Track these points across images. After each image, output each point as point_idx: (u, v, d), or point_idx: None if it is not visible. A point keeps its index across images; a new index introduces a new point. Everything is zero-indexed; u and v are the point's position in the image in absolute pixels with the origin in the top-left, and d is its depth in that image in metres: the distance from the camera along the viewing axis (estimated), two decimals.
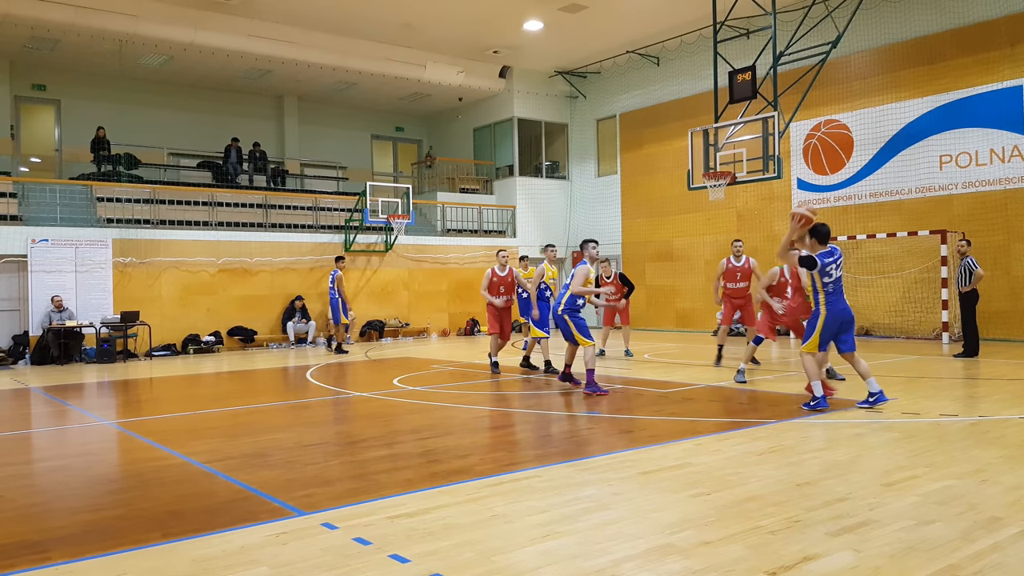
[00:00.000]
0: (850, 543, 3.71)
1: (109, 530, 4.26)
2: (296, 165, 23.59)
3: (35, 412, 9.31)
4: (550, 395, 9.17)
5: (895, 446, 5.82)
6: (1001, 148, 14.99)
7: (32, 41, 17.92)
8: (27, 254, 15.58)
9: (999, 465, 5.16)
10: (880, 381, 9.48)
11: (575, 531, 3.98)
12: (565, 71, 23.20)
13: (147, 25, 17.06)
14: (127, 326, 15.79)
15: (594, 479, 5.05)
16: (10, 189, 16.78)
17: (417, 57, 20.90)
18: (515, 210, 23.18)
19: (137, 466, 6.01)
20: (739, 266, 11.70)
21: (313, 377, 11.85)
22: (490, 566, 3.52)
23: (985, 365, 11.11)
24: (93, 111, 20.43)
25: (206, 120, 22.41)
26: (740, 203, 19.21)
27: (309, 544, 3.88)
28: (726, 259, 11.83)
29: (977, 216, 15.25)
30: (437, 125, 26.58)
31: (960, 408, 7.59)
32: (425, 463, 5.67)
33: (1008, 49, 14.88)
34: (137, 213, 17.46)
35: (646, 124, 21.70)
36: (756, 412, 7.68)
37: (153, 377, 12.70)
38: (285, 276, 18.75)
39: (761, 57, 15.57)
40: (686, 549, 3.69)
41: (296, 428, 7.35)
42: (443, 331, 21.16)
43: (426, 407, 8.62)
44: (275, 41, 18.69)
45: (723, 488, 4.74)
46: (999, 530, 3.86)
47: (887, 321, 16.57)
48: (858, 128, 17.12)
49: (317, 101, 24.08)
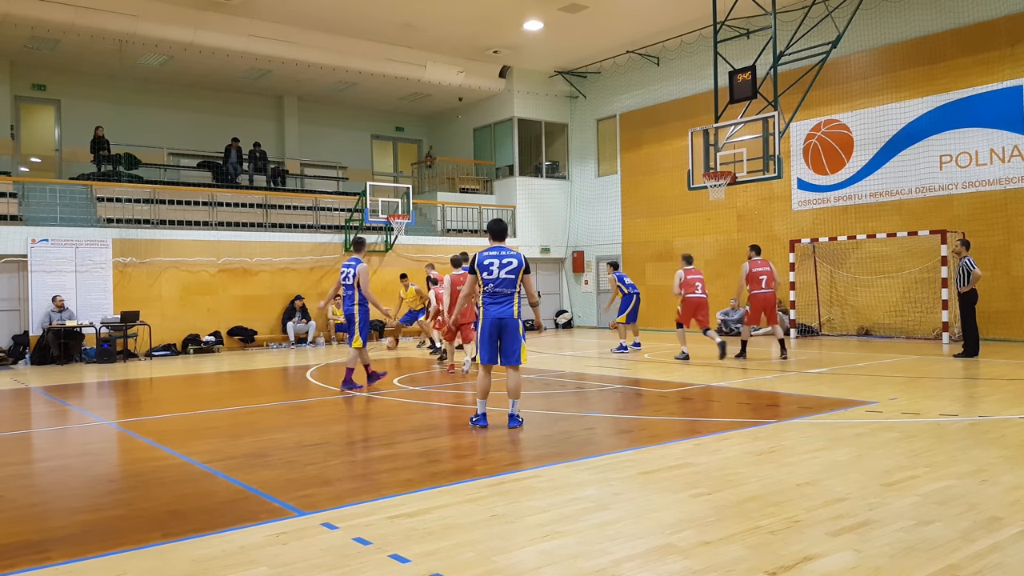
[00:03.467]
0: (850, 543, 3.71)
1: (109, 530, 4.26)
2: (296, 165, 23.59)
3: (35, 412, 9.31)
4: (550, 395, 9.17)
5: (895, 446, 5.82)
6: (1001, 148, 14.99)
7: (32, 41, 17.92)
8: (27, 254, 15.58)
9: (999, 465, 5.16)
10: (881, 381, 9.50)
11: (575, 531, 3.98)
12: (565, 71, 23.20)
13: (147, 25, 17.06)
14: (127, 326, 15.79)
15: (594, 479, 5.05)
16: (10, 189, 16.78)
17: (417, 57, 20.90)
18: (515, 210, 23.18)
19: (137, 466, 6.01)
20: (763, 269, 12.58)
21: (313, 377, 11.85)
22: (490, 566, 3.52)
23: (985, 365, 11.10)
24: (93, 111, 20.43)
25: (206, 120, 22.40)
26: (740, 203, 19.20)
27: (309, 544, 3.88)
28: (748, 263, 12.59)
29: (977, 216, 15.25)
30: (437, 125, 26.58)
31: (960, 408, 7.59)
32: (425, 463, 5.67)
33: (1008, 49, 14.88)
34: (137, 213, 17.46)
35: (646, 124, 21.70)
36: (756, 412, 7.68)
37: (153, 377, 12.70)
38: (285, 276, 18.75)
39: (761, 57, 15.57)
40: (686, 549, 3.69)
41: (296, 428, 7.34)
42: None
43: (426, 407, 8.62)
44: (275, 41, 18.69)
45: (723, 488, 4.74)
46: (999, 530, 3.86)
47: (887, 321, 16.57)
48: (858, 128, 17.12)
49: (317, 101, 24.08)
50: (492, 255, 7.01)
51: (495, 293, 6.95)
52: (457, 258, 11.73)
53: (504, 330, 6.95)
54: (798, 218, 18.19)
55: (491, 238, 7.21)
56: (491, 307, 6.96)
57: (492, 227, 7.22)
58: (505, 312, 6.93)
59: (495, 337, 6.97)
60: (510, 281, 6.94)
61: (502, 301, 6.95)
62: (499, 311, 6.94)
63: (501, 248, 7.09)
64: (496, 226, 7.21)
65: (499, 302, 6.95)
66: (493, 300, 6.97)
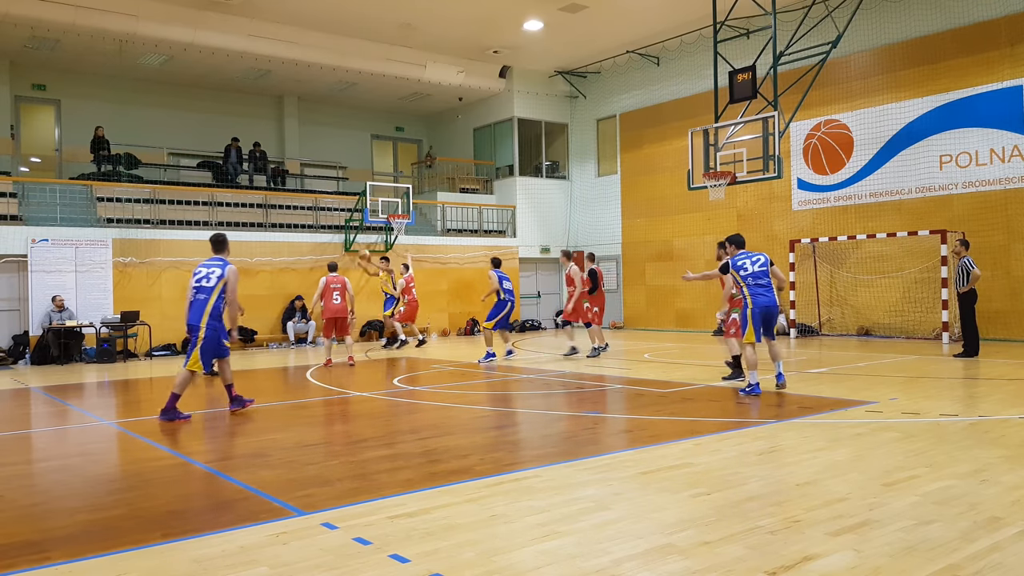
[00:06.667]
0: (850, 543, 3.71)
1: (109, 530, 4.26)
2: (296, 165, 23.58)
3: (35, 412, 9.31)
4: (550, 395, 9.17)
5: (895, 446, 5.82)
6: (1001, 148, 14.99)
7: (32, 41, 17.92)
8: (27, 254, 15.58)
9: (999, 465, 5.16)
10: (880, 381, 9.50)
11: (575, 531, 3.98)
12: (565, 71, 23.20)
13: (147, 25, 17.06)
14: (127, 326, 15.79)
15: (594, 479, 5.05)
16: (10, 189, 16.78)
17: (417, 57, 20.90)
18: (515, 210, 23.18)
19: (137, 466, 6.00)
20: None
21: (313, 377, 11.85)
22: (490, 566, 3.52)
23: (985, 365, 11.10)
24: (93, 111, 20.43)
25: (206, 120, 22.40)
26: (740, 203, 19.20)
27: (309, 544, 3.88)
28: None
29: (977, 216, 15.25)
30: (437, 125, 26.58)
31: (960, 408, 7.59)
32: (425, 463, 5.67)
33: (1008, 49, 14.88)
34: (137, 213, 17.46)
35: (646, 124, 21.70)
36: (756, 412, 7.68)
37: (153, 377, 12.70)
38: (285, 276, 18.75)
39: (761, 57, 15.57)
40: (686, 549, 3.69)
41: (296, 428, 7.34)
42: (443, 331, 21.17)
43: (426, 407, 8.62)
44: (275, 41, 18.68)
45: (723, 488, 4.74)
46: (999, 530, 3.86)
47: (887, 321, 16.57)
48: (858, 128, 17.12)
49: (317, 101, 24.08)
50: (744, 257, 8.80)
51: (758, 285, 8.59)
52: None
53: (772, 315, 8.63)
54: (798, 218, 18.19)
55: (737, 247, 9.01)
56: (760, 297, 8.57)
57: (734, 239, 9.12)
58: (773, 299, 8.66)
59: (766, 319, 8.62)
60: (763, 273, 8.67)
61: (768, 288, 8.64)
62: (771, 299, 8.61)
63: (750, 253, 8.88)
64: (737, 238, 9.14)
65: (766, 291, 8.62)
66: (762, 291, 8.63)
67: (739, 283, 8.74)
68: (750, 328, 8.53)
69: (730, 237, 9.20)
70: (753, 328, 8.51)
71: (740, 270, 8.72)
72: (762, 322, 8.55)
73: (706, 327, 19.71)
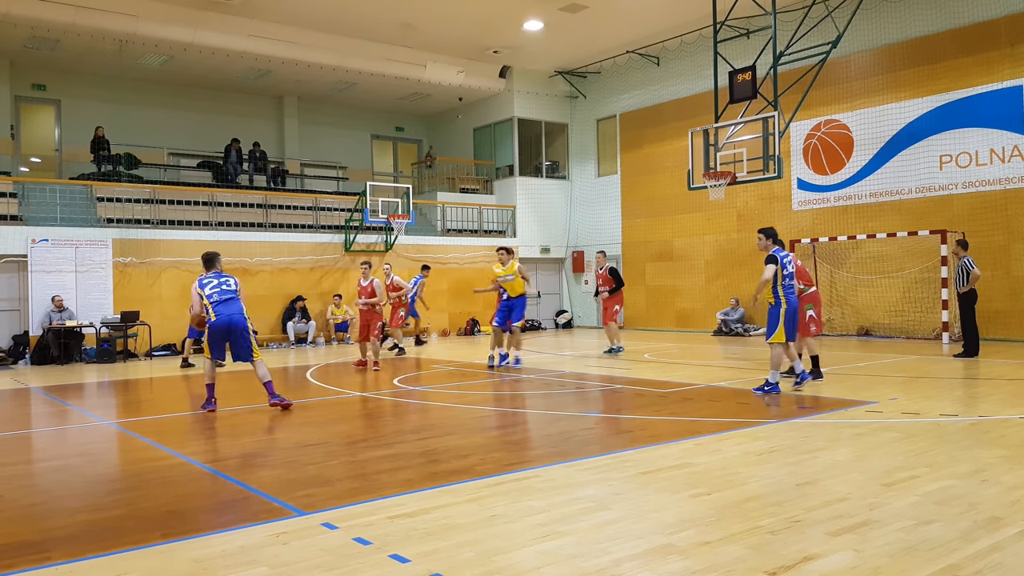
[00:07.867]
0: (850, 543, 3.71)
1: (109, 530, 4.26)
2: (296, 165, 23.58)
3: (35, 412, 9.31)
4: (550, 395, 9.17)
5: (895, 446, 5.82)
6: (1001, 148, 14.99)
7: (32, 41, 17.92)
8: (27, 254, 15.58)
9: (999, 465, 5.16)
10: (880, 381, 9.50)
11: (575, 531, 3.98)
12: (565, 71, 23.20)
13: (147, 25, 17.06)
14: (127, 326, 15.79)
15: (594, 479, 5.05)
16: (10, 189, 16.78)
17: (417, 57, 20.90)
18: (515, 210, 23.18)
19: (137, 466, 6.00)
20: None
21: (313, 377, 11.85)
22: (490, 566, 3.52)
23: (985, 365, 11.10)
24: (93, 111, 20.43)
25: (206, 120, 22.40)
26: (740, 203, 19.20)
27: (309, 544, 3.88)
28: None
29: (977, 216, 15.25)
30: (437, 125, 26.58)
31: (960, 408, 7.59)
32: (425, 463, 5.67)
33: (1008, 49, 14.88)
34: (137, 213, 17.46)
35: (646, 124, 21.70)
36: (756, 412, 7.68)
37: (153, 377, 12.70)
38: (285, 276, 18.75)
39: (761, 57, 15.57)
40: (686, 549, 3.69)
41: (296, 428, 7.34)
42: (443, 331, 21.17)
43: (426, 407, 8.62)
44: (275, 41, 18.68)
45: (723, 488, 4.74)
46: (999, 530, 3.86)
47: (887, 321, 16.57)
48: (858, 128, 17.12)
49: (317, 101, 24.08)
50: (785, 256, 8.80)
51: (791, 285, 8.78)
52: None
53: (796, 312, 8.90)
54: (798, 218, 18.19)
55: (773, 241, 8.90)
56: (792, 297, 8.79)
57: (771, 233, 9.03)
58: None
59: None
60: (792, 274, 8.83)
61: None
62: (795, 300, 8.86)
63: (787, 252, 8.96)
64: (773, 232, 9.06)
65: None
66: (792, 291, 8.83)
67: (779, 280, 8.65)
68: (780, 328, 8.58)
69: (768, 230, 9.00)
70: (785, 328, 8.57)
71: (784, 268, 8.68)
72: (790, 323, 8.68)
73: (706, 327, 19.71)
